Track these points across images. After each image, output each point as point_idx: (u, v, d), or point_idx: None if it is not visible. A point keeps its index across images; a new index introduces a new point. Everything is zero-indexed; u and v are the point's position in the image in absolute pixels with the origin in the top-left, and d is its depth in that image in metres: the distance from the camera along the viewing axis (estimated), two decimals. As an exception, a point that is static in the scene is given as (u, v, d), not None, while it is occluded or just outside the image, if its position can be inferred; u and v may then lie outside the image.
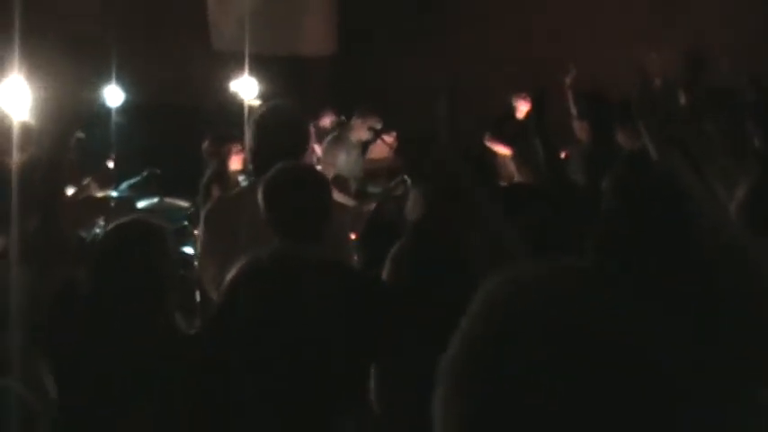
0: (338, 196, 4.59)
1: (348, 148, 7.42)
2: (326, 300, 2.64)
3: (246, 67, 7.98)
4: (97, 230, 4.96)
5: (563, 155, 5.86)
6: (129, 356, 2.67)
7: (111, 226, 2.98)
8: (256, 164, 3.57)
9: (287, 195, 2.88)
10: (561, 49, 8.91)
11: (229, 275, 2.33)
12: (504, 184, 6.01)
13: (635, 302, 0.95)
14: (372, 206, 4.75)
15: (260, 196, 2.89)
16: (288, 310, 2.26)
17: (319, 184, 3.01)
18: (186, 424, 2.56)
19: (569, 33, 9.30)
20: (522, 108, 7.97)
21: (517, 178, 5.44)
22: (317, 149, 7.87)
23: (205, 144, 6.33)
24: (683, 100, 6.14)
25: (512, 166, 5.63)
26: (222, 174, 6.08)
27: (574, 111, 5.49)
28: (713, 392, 1.99)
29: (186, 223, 6.38)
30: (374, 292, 2.85)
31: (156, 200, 6.81)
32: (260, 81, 8.38)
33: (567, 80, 6.08)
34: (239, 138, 5.75)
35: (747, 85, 5.97)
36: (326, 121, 8.65)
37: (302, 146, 3.62)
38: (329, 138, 7.81)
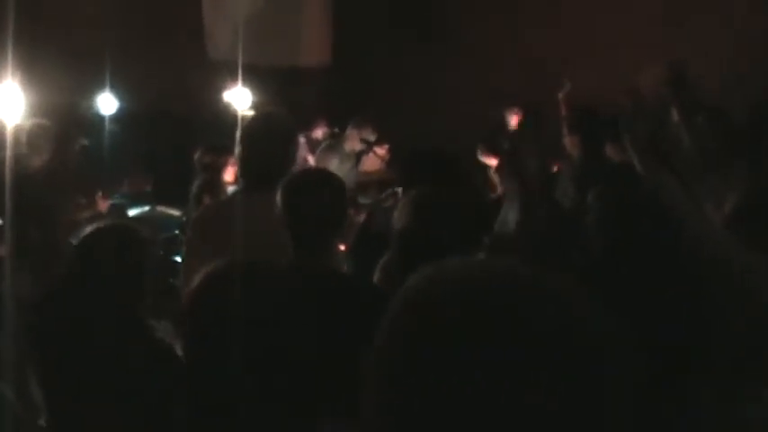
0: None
1: (341, 158, 7.44)
2: (311, 306, 2.65)
3: (240, 77, 8.00)
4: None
5: (555, 168, 5.90)
6: (102, 358, 2.68)
7: (87, 230, 3.00)
8: (245, 173, 3.58)
9: (304, 201, 2.89)
10: (561, 53, 8.95)
11: (196, 280, 2.36)
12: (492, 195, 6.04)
13: (566, 302, 0.96)
14: (362, 217, 4.77)
15: (278, 200, 2.91)
16: (258, 314, 2.28)
17: (337, 192, 3.01)
18: (160, 424, 2.57)
19: (569, 38, 9.32)
20: (514, 121, 7.99)
21: (501, 189, 5.46)
22: (311, 160, 7.89)
23: (198, 154, 6.34)
24: (674, 116, 6.16)
25: (496, 178, 5.65)
26: (214, 184, 6.09)
27: (565, 126, 5.49)
28: (708, 393, 2.02)
29: (177, 232, 6.39)
30: (370, 297, 2.85)
31: (147, 208, 6.83)
32: (253, 91, 8.41)
33: (561, 95, 6.09)
34: (233, 150, 5.76)
35: (747, 109, 5.99)
36: (319, 132, 8.68)
37: (291, 155, 3.64)
38: (322, 146, 7.84)
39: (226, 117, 8.10)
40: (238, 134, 3.57)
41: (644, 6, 9.21)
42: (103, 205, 5.79)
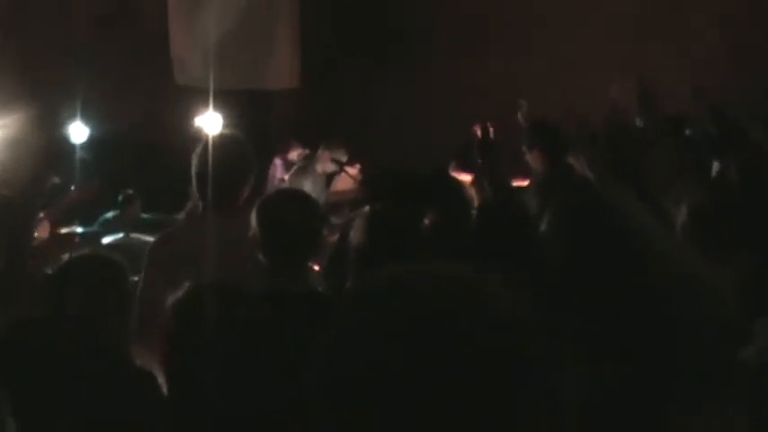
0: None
1: (313, 179, 7.48)
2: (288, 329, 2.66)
3: (211, 102, 8.01)
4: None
5: (526, 182, 5.95)
6: (81, 388, 2.67)
7: (64, 259, 2.99)
8: (203, 195, 3.55)
9: (280, 221, 2.90)
10: (529, 73, 9.02)
11: (171, 301, 2.35)
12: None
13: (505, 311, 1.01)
14: (335, 237, 4.78)
15: (253, 220, 2.92)
16: (236, 338, 2.29)
17: (313, 212, 3.03)
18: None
19: (538, 59, 9.39)
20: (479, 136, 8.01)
21: (477, 204, 5.49)
22: (287, 180, 7.95)
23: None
24: (640, 126, 6.25)
25: (472, 192, 5.68)
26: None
27: (524, 144, 5.55)
28: (673, 406, 2.04)
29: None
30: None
31: (121, 235, 6.81)
32: (225, 116, 8.42)
33: (519, 116, 6.14)
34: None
35: (707, 117, 6.09)
36: (294, 154, 8.71)
37: (250, 177, 3.62)
38: (294, 168, 7.89)
39: (194, 142, 8.09)
40: (195, 156, 3.55)
41: (612, 26, 9.32)
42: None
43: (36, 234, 4.63)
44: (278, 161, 8.63)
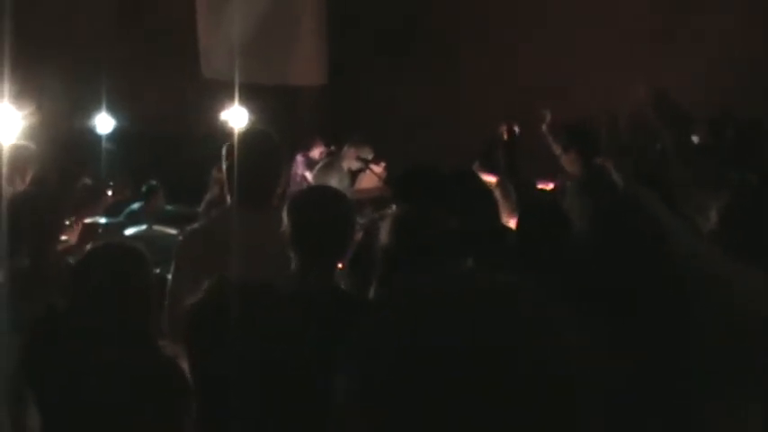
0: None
1: (339, 177, 7.46)
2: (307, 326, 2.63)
3: (236, 96, 8.02)
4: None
5: (551, 186, 5.91)
6: (108, 381, 2.66)
7: (87, 249, 2.97)
8: (237, 190, 3.52)
9: (312, 219, 2.88)
10: (552, 75, 8.99)
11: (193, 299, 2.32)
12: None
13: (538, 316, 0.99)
14: (359, 236, 4.76)
15: (285, 217, 2.90)
16: (261, 335, 2.27)
17: (346, 211, 3.00)
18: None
19: (561, 59, 9.38)
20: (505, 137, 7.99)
21: (502, 205, 5.47)
22: (309, 177, 7.94)
23: (215, 170, 6.35)
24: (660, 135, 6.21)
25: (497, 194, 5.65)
26: (224, 200, 6.10)
27: (557, 150, 5.53)
28: (695, 405, 2.01)
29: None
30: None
31: (144, 227, 6.82)
32: (250, 111, 8.42)
33: (544, 127, 6.13)
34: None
35: (723, 120, 6.05)
36: (316, 152, 8.71)
37: (282, 174, 3.60)
38: (320, 165, 7.88)
39: (219, 136, 8.12)
40: (225, 151, 3.51)
41: (630, 24, 9.29)
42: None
43: (66, 237, 4.65)
44: (299, 158, 8.64)
